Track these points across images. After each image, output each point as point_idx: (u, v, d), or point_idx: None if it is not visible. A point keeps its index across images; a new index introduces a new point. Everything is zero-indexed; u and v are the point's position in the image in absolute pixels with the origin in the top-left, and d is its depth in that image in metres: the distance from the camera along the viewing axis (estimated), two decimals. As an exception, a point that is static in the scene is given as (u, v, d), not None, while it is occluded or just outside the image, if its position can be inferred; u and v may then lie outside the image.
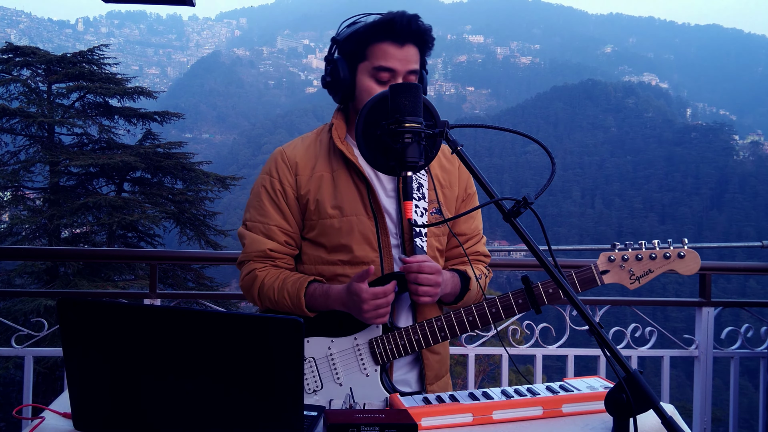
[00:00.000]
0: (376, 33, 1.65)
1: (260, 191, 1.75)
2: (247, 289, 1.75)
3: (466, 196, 1.84)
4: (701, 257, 1.63)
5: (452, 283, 1.70)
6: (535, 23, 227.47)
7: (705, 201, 74.97)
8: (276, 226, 1.72)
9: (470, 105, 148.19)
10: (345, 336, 1.64)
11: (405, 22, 1.63)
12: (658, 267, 1.60)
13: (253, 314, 1.19)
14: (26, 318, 10.46)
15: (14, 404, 8.08)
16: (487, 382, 14.51)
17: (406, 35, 1.64)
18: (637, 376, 1.14)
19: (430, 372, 1.74)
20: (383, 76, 1.65)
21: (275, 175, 1.74)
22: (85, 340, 1.20)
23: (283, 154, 1.75)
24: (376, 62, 1.65)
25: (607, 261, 1.61)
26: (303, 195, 1.72)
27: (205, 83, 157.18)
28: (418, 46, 1.68)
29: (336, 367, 1.63)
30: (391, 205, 1.72)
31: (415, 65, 1.67)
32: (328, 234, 1.69)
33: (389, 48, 1.64)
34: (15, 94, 14.11)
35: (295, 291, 1.64)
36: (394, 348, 1.62)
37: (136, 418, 1.20)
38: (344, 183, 1.70)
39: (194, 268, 12.78)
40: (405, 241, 1.71)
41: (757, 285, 38.66)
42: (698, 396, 2.99)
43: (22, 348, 2.80)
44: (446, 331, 1.62)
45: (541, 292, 1.60)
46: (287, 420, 1.14)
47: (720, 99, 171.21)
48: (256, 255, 1.73)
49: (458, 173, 1.82)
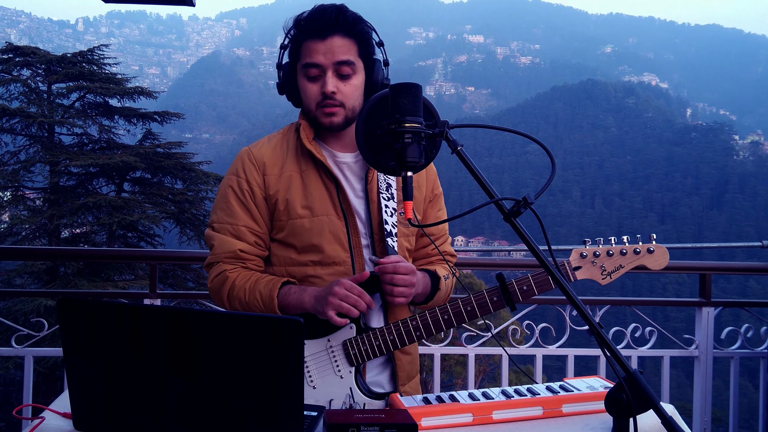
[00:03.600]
0: (302, 32, 1.65)
1: (227, 192, 1.72)
2: (216, 291, 1.70)
3: (433, 197, 1.83)
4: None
5: (423, 283, 1.70)
6: (535, 23, 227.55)
7: (705, 201, 75.01)
8: (245, 227, 1.69)
9: (470, 105, 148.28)
10: (318, 338, 1.61)
11: (319, 15, 1.62)
12: (628, 262, 1.63)
13: (253, 314, 1.19)
14: (26, 318, 10.46)
15: (14, 404, 8.07)
16: (487, 382, 14.51)
17: (324, 28, 1.62)
18: (637, 376, 1.14)
19: (402, 372, 1.74)
20: (311, 72, 1.65)
21: (242, 175, 1.71)
22: (85, 340, 1.20)
23: (250, 153, 1.73)
24: (303, 60, 1.66)
25: (579, 257, 1.63)
26: (272, 195, 1.69)
27: (205, 83, 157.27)
28: (348, 36, 1.64)
29: (309, 370, 1.60)
30: (360, 205, 1.71)
31: (345, 55, 1.63)
32: (299, 234, 1.67)
33: (312, 43, 1.63)
34: (15, 94, 14.11)
35: (268, 292, 1.62)
36: (369, 349, 1.60)
37: (136, 418, 1.20)
38: (314, 183, 1.68)
39: (194, 268, 12.78)
40: (375, 241, 1.70)
41: (757, 285, 38.68)
42: (698, 396, 2.99)
43: (22, 348, 2.80)
44: (422, 330, 1.61)
45: (515, 289, 1.61)
46: (287, 420, 1.14)
47: (720, 99, 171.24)
48: (225, 256, 1.69)
49: (425, 174, 1.81)
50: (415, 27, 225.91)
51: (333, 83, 1.63)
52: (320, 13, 1.62)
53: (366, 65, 1.70)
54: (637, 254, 1.62)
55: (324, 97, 1.64)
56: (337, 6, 1.65)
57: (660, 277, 40.01)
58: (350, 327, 1.61)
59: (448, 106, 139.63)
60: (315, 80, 1.65)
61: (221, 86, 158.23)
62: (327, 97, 1.64)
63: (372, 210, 1.71)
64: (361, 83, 1.69)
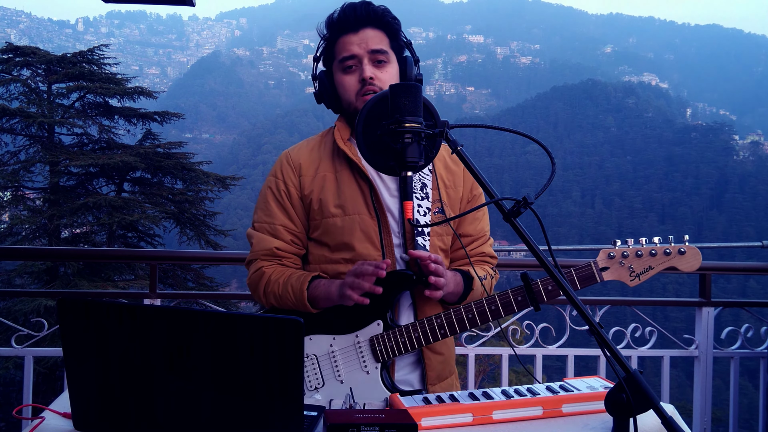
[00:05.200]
0: (333, 31, 1.74)
1: (266, 192, 1.80)
2: (254, 286, 1.77)
3: (472, 197, 1.83)
4: (701, 257, 1.63)
5: (454, 282, 1.69)
6: (535, 23, 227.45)
7: (705, 201, 74.95)
8: (281, 226, 1.75)
9: (470, 105, 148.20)
10: (347, 333, 1.65)
11: (351, 10, 1.71)
12: (658, 264, 1.59)
13: (253, 314, 1.19)
14: (26, 318, 10.46)
15: (14, 404, 8.08)
16: (487, 382, 14.52)
17: (357, 21, 1.71)
18: (637, 376, 1.14)
19: (432, 372, 1.74)
20: (348, 64, 1.72)
21: (280, 177, 1.78)
22: (85, 340, 1.20)
23: (288, 156, 1.80)
24: (340, 55, 1.73)
25: (606, 258, 1.60)
26: (307, 195, 1.75)
27: (205, 83, 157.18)
28: (378, 28, 1.73)
29: (338, 365, 1.64)
30: (394, 204, 1.73)
31: (379, 45, 1.72)
32: (331, 233, 1.72)
33: (345, 38, 1.72)
34: (15, 94, 14.11)
35: (299, 285, 1.66)
36: (395, 345, 1.62)
37: (136, 418, 1.20)
38: (347, 182, 1.72)
39: (194, 268, 12.79)
40: (407, 240, 1.71)
41: (757, 285, 38.64)
42: (698, 396, 2.99)
43: (22, 348, 2.80)
44: (446, 328, 1.62)
45: (540, 290, 1.61)
46: (287, 420, 1.14)
47: (720, 99, 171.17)
48: (263, 254, 1.76)
49: (463, 174, 1.82)
50: (415, 27, 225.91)
51: (370, 70, 1.70)
52: (351, 10, 1.71)
53: (398, 58, 1.77)
54: (667, 255, 1.58)
55: (363, 84, 1.70)
56: (365, 1, 1.73)
57: (660, 277, 39.85)
58: (377, 323, 1.64)
59: (448, 106, 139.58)
60: (352, 71, 1.72)
61: (221, 86, 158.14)
62: (365, 83, 1.69)
63: None
64: (396, 73, 1.75)
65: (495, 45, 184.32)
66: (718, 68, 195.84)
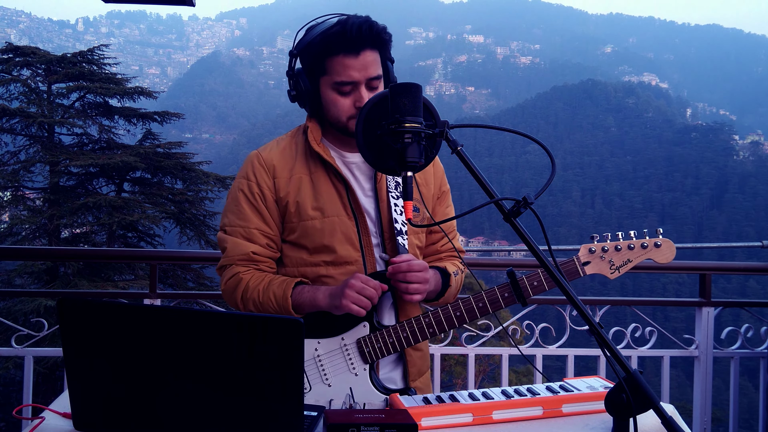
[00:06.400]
0: (330, 47, 1.62)
1: (238, 195, 1.73)
2: (230, 293, 1.72)
3: (441, 194, 1.85)
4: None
5: (434, 279, 1.71)
6: (535, 23, 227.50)
7: (705, 201, 74.97)
8: (256, 229, 1.71)
9: (470, 105, 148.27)
10: (332, 337, 1.64)
11: (355, 30, 1.59)
12: (636, 257, 1.65)
13: (253, 314, 1.19)
14: (26, 318, 10.47)
15: (14, 404, 8.07)
16: (487, 382, 14.52)
17: (359, 43, 1.61)
18: (637, 376, 1.14)
19: (413, 368, 1.76)
20: (345, 89, 1.64)
21: (253, 179, 1.72)
22: (85, 340, 1.20)
23: (260, 156, 1.73)
24: (337, 77, 1.63)
25: (588, 253, 1.65)
26: (282, 197, 1.71)
27: (205, 83, 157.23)
28: (375, 48, 1.65)
29: (324, 368, 1.63)
30: (369, 205, 1.73)
31: (377, 70, 1.65)
32: (310, 235, 1.69)
33: (345, 60, 1.61)
34: (15, 94, 14.12)
35: (282, 292, 1.64)
36: (383, 346, 1.62)
37: (135, 418, 1.20)
38: (323, 184, 1.70)
39: (194, 268, 12.79)
40: (385, 240, 1.72)
41: (757, 285, 38.65)
42: (698, 396, 2.99)
43: (22, 348, 2.80)
44: (434, 327, 1.63)
45: (526, 285, 1.63)
46: (287, 420, 1.14)
47: (720, 99, 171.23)
48: (239, 258, 1.71)
49: (432, 171, 1.83)
50: (415, 27, 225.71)
51: (366, 95, 1.64)
52: (356, 29, 1.59)
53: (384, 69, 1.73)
54: (644, 248, 1.64)
55: (357, 109, 1.65)
56: (368, 20, 1.65)
57: (660, 277, 39.99)
58: (363, 325, 1.63)
59: (448, 106, 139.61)
60: (347, 95, 1.65)
61: (221, 86, 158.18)
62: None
63: (382, 209, 1.73)
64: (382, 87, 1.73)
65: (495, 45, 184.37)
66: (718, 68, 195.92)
